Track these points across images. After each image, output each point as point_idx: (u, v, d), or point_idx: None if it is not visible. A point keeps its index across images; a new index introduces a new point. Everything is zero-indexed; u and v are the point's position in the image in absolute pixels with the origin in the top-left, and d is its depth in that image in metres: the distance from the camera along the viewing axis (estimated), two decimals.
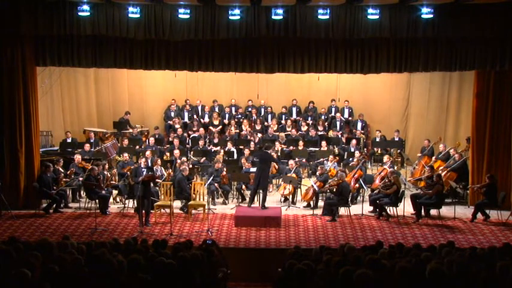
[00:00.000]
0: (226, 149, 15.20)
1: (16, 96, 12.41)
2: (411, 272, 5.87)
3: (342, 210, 12.48)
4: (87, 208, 12.58)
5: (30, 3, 11.82)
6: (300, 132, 16.66)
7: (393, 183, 12.15)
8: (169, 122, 17.13)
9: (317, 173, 13.29)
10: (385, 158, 14.13)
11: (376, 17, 11.70)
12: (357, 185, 13.17)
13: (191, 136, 16.37)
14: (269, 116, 17.33)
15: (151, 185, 11.90)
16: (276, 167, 13.89)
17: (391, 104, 17.48)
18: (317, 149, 15.53)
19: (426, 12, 11.55)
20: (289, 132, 16.45)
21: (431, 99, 16.80)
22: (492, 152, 12.97)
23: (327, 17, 11.73)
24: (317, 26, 11.91)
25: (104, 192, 12.48)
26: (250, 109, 17.50)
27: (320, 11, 11.66)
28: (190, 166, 13.37)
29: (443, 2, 11.46)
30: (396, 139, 16.27)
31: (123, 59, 12.63)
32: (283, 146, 15.64)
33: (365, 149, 16.47)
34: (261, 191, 12.47)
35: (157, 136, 16.05)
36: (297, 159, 14.41)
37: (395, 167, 15.01)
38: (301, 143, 15.51)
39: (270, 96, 17.90)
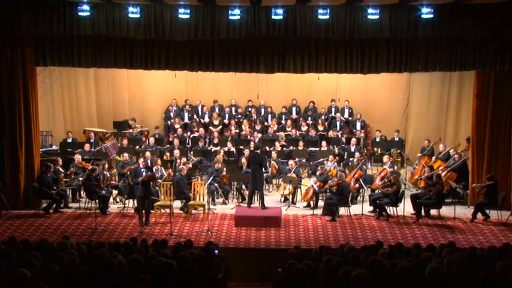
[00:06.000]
0: (226, 149, 15.21)
1: (16, 96, 12.42)
2: (411, 272, 5.86)
3: (342, 210, 12.48)
4: (87, 208, 12.58)
5: (30, 3, 11.83)
6: (300, 132, 16.65)
7: (393, 183, 12.15)
8: (169, 122, 17.12)
9: (317, 173, 13.29)
10: (385, 158, 14.14)
11: (376, 17, 11.71)
12: (357, 185, 13.17)
13: (191, 136, 16.37)
14: (269, 116, 17.32)
15: (151, 184, 11.88)
16: (267, 171, 13.74)
17: (391, 104, 17.48)
18: (317, 149, 15.54)
19: (426, 12, 11.55)
20: (289, 132, 16.45)
21: (431, 99, 16.80)
22: (492, 152, 12.97)
23: (327, 17, 11.74)
24: (317, 26, 11.92)
25: (104, 192, 12.48)
26: (250, 109, 17.49)
27: (320, 11, 11.67)
28: (190, 166, 13.36)
29: (443, 2, 11.47)
30: (396, 139, 16.27)
31: (123, 59, 12.63)
32: (284, 143, 15.64)
33: (365, 149, 16.47)
34: (258, 192, 12.47)
35: (157, 136, 16.05)
36: (297, 159, 14.41)
37: (395, 167, 15.01)
38: (301, 143, 15.52)
39: (270, 96, 17.91)
